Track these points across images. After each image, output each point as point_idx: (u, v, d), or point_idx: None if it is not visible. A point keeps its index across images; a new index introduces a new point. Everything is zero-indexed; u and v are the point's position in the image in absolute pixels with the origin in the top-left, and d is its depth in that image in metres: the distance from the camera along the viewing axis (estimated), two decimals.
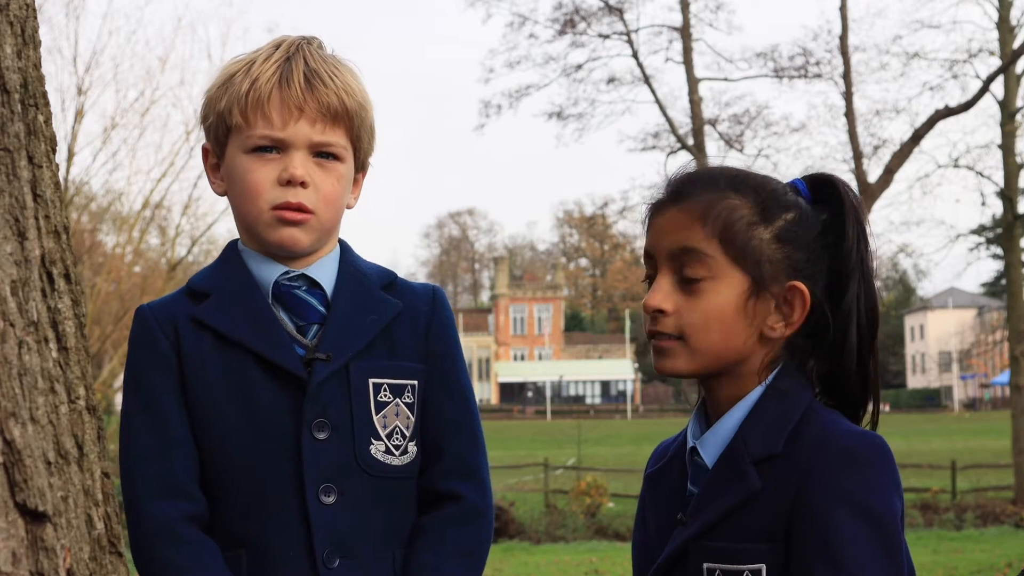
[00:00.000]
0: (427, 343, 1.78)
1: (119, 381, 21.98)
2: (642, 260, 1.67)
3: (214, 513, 1.69)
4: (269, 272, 1.75)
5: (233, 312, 1.72)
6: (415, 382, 1.76)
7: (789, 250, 1.59)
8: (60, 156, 4.17)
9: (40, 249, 1.59)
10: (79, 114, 19.58)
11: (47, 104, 1.67)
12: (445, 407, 1.78)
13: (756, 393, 1.59)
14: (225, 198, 1.80)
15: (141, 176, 25.38)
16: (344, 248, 1.82)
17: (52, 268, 1.61)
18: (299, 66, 1.72)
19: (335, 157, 1.74)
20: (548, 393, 71.88)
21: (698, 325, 1.58)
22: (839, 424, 1.55)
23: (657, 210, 1.64)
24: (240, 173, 1.73)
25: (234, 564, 1.66)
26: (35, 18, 1.66)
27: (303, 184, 1.70)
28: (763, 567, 1.50)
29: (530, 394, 76.97)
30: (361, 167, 1.83)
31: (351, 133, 1.76)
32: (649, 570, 1.65)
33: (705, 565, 1.54)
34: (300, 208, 1.71)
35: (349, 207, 1.81)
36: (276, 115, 1.70)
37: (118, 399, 21.80)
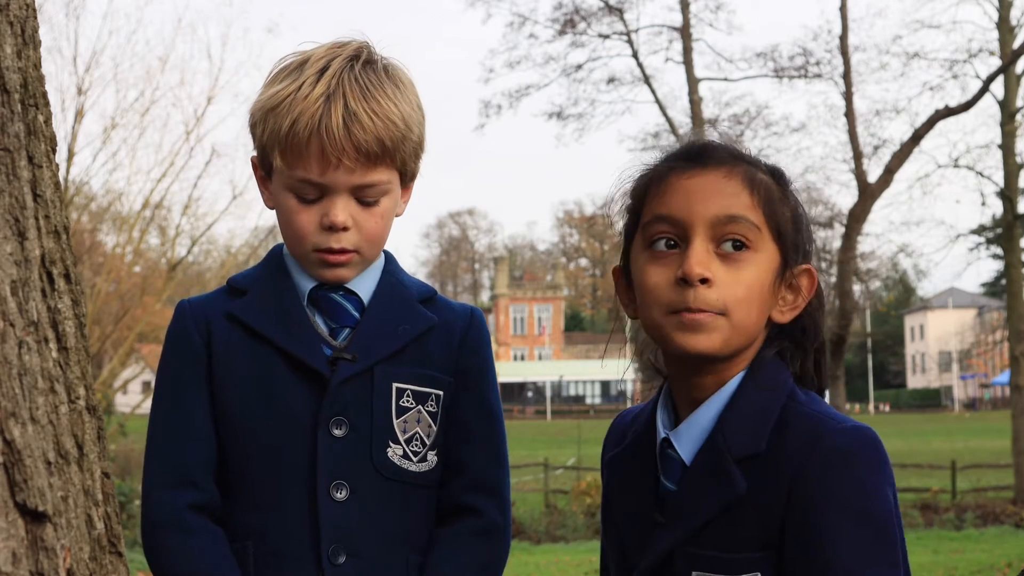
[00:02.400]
0: (459, 358, 1.79)
1: (119, 381, 22.00)
2: (645, 226, 1.53)
3: (227, 505, 1.72)
4: (309, 278, 1.76)
5: (266, 310, 1.74)
6: (440, 392, 1.77)
7: (799, 231, 1.54)
8: (60, 156, 4.17)
9: (40, 249, 1.59)
10: (79, 114, 19.62)
11: (47, 104, 1.67)
12: (471, 422, 1.79)
13: (734, 383, 1.52)
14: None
15: (141, 176, 25.45)
16: (388, 260, 1.83)
17: (52, 268, 1.61)
18: (338, 108, 1.65)
19: (378, 195, 1.72)
20: (548, 393, 71.80)
21: (742, 299, 1.48)
22: (826, 417, 1.46)
23: (685, 172, 1.52)
24: (284, 211, 1.73)
25: (240, 555, 1.68)
26: (35, 18, 1.66)
27: (345, 228, 1.70)
28: (758, 575, 1.44)
29: (530, 394, 76.89)
30: (410, 180, 1.80)
31: (395, 164, 1.72)
32: (625, 569, 1.58)
33: (695, 574, 1.48)
34: (342, 251, 1.71)
35: (398, 215, 1.78)
36: (314, 163, 1.66)
37: (118, 399, 21.81)
